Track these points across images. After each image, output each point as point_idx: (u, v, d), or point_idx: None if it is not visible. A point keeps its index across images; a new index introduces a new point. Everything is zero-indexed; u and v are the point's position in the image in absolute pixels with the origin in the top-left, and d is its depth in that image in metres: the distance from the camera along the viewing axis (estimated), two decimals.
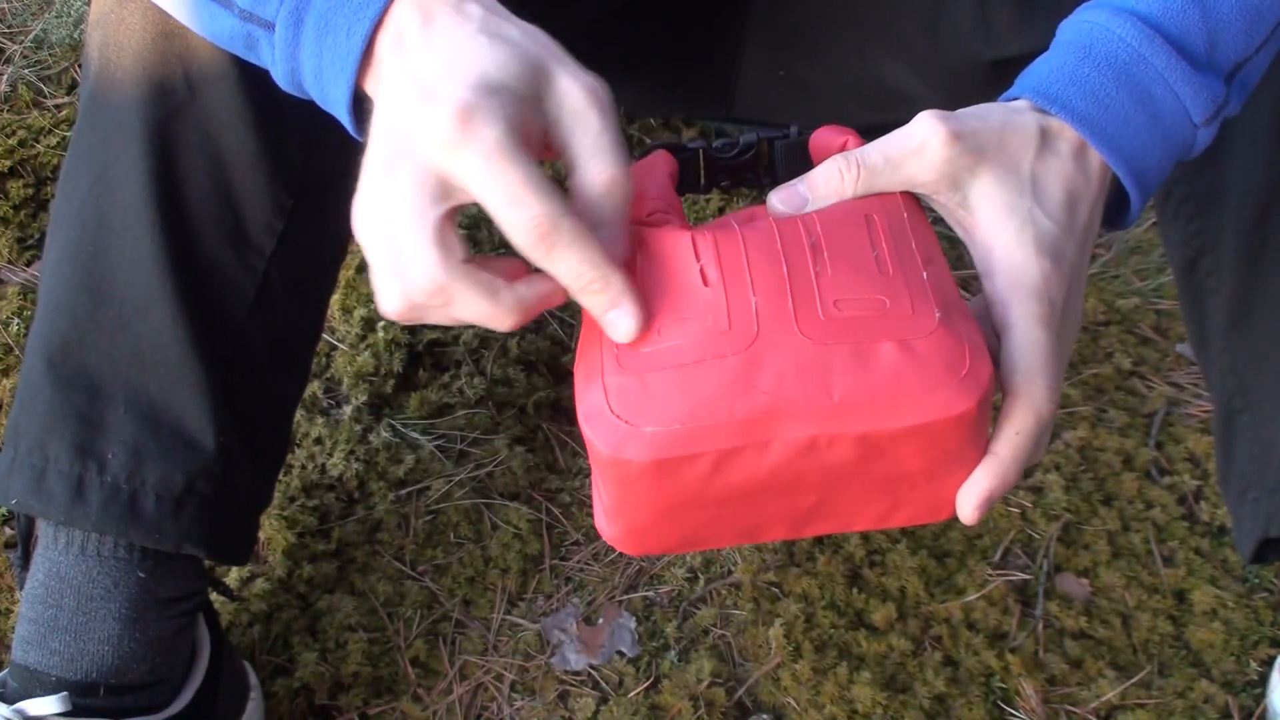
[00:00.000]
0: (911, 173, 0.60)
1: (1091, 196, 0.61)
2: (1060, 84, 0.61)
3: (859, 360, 0.53)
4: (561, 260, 0.54)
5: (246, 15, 0.61)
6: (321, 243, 0.85)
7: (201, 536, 0.80)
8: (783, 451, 0.53)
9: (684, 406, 0.53)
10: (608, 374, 0.55)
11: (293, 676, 0.97)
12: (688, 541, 0.58)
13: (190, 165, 0.75)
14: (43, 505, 0.78)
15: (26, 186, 1.30)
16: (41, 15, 1.49)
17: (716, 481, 0.54)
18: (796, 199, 0.61)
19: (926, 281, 0.56)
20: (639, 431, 0.53)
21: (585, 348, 0.58)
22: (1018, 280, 0.58)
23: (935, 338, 0.54)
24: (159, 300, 0.76)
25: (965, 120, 0.60)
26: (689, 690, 0.97)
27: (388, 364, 1.16)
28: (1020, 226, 0.59)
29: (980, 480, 0.56)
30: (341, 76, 0.58)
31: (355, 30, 0.57)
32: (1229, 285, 0.81)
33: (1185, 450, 1.15)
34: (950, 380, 0.53)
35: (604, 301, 0.55)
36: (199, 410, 0.78)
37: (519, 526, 1.08)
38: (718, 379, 0.53)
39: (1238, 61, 0.63)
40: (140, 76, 0.74)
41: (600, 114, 0.56)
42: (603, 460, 0.54)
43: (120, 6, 0.75)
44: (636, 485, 0.54)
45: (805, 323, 0.54)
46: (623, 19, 0.92)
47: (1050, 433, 0.59)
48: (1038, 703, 0.97)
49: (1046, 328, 0.57)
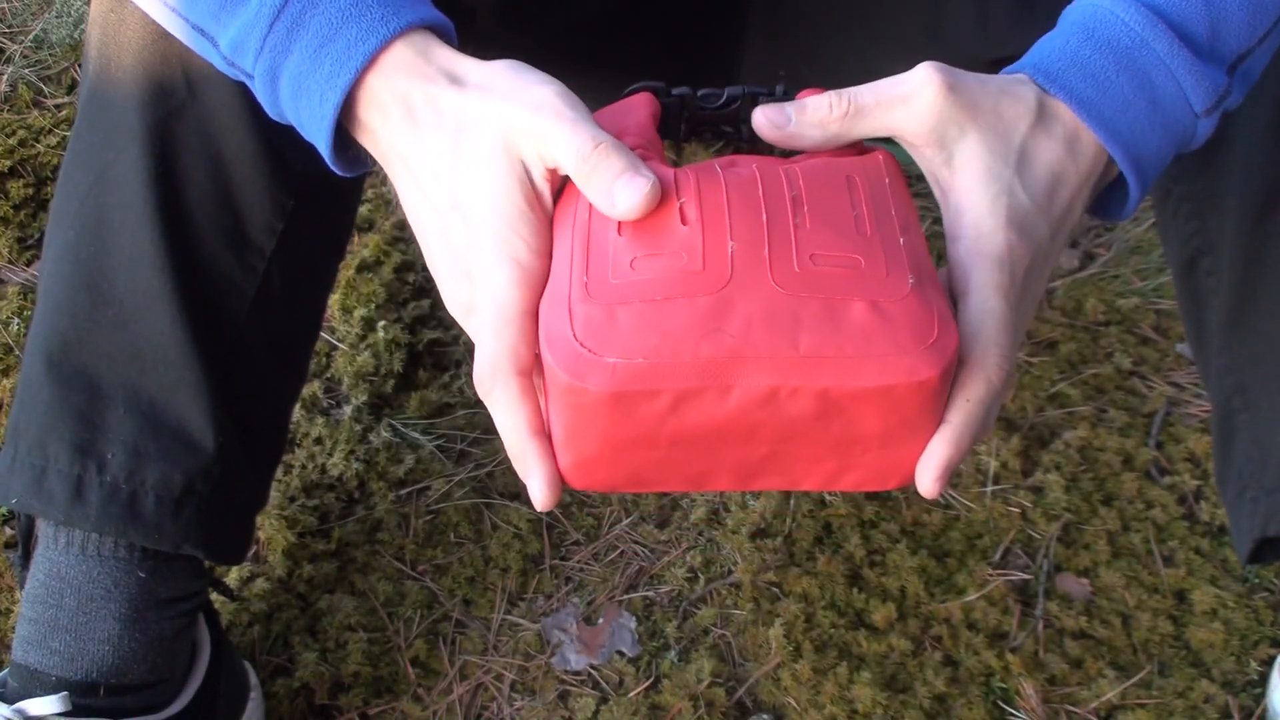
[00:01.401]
0: (901, 119, 0.59)
1: (1077, 183, 0.61)
2: (1061, 64, 0.61)
3: (829, 315, 0.53)
4: (494, 406, 0.57)
5: (229, 62, 0.62)
6: (321, 243, 0.85)
7: (200, 537, 0.80)
8: (743, 398, 0.53)
9: (649, 341, 0.52)
10: (575, 300, 0.54)
11: (293, 676, 0.97)
12: (634, 481, 0.58)
13: (190, 165, 0.75)
14: (42, 505, 0.78)
15: (26, 186, 1.30)
16: (41, 15, 1.49)
17: (672, 421, 0.53)
18: (780, 117, 0.61)
19: (903, 247, 0.56)
20: (601, 361, 0.52)
21: (554, 273, 0.57)
22: (982, 247, 0.58)
23: (906, 303, 0.53)
24: (159, 300, 0.76)
25: (965, 77, 0.60)
26: (689, 690, 0.97)
27: (388, 364, 1.16)
28: (996, 195, 0.59)
29: (937, 450, 0.56)
30: (320, 135, 0.60)
31: (328, 97, 0.58)
32: (1228, 285, 0.81)
33: (1185, 450, 1.15)
34: (917, 346, 0.53)
35: (521, 468, 0.58)
36: (199, 410, 0.78)
37: (519, 526, 1.08)
38: (686, 318, 0.52)
39: (1240, 52, 0.62)
40: (140, 76, 0.74)
41: (556, 116, 0.57)
42: (561, 386, 0.53)
43: (120, 6, 0.75)
44: (592, 416, 0.54)
45: (779, 272, 0.53)
46: (623, 21, 0.92)
47: (999, 405, 0.58)
48: (1038, 703, 0.97)
49: (1005, 297, 0.57)
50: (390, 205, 1.31)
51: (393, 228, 1.28)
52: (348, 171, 0.63)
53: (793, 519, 1.08)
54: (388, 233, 1.27)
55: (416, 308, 1.21)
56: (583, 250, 0.56)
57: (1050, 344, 1.24)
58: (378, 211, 1.30)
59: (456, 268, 0.59)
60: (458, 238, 0.58)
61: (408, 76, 0.58)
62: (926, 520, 1.09)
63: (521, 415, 0.56)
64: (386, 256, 1.24)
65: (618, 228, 0.56)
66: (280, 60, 0.59)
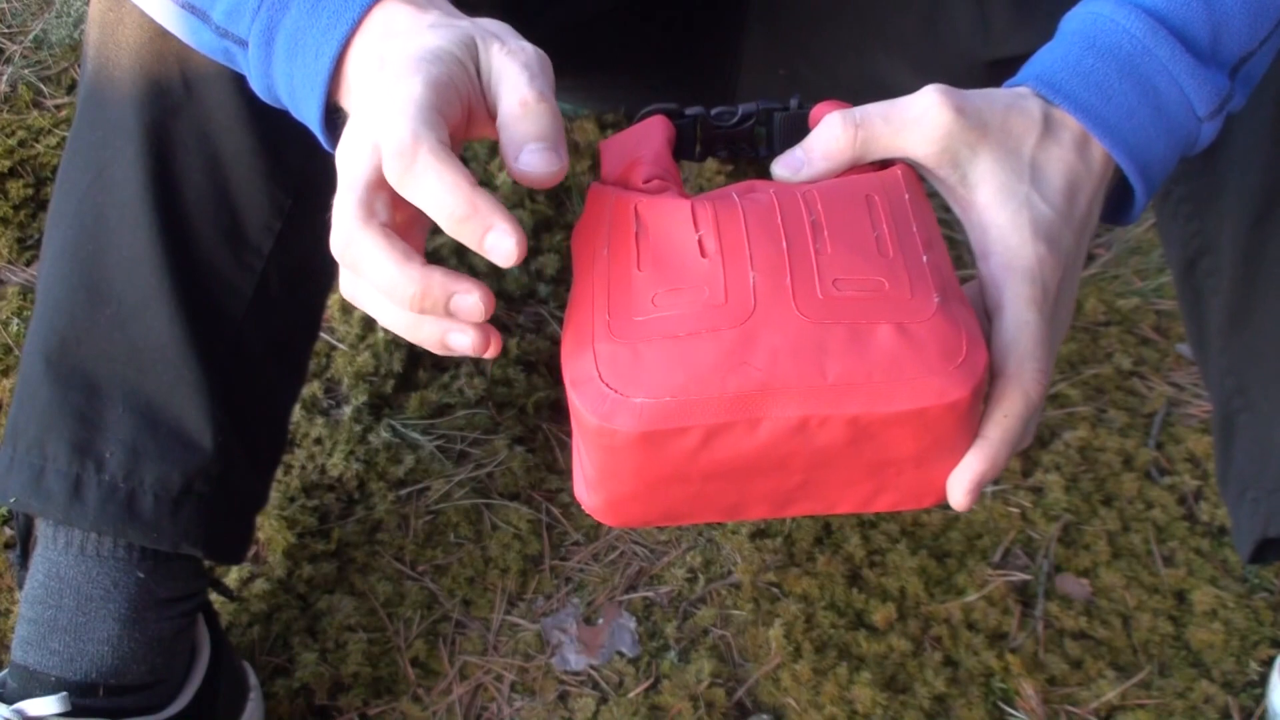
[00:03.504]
0: (911, 142, 0.59)
1: (1092, 187, 0.61)
2: (1064, 74, 0.61)
3: (855, 341, 0.52)
4: (420, 183, 0.51)
5: (222, 31, 0.61)
6: (319, 242, 0.84)
7: (199, 536, 0.80)
8: (773, 430, 0.52)
9: (675, 379, 0.52)
10: (599, 340, 0.54)
11: (292, 677, 0.97)
12: (669, 515, 0.57)
13: (187, 165, 0.75)
14: (41, 504, 0.78)
15: (26, 186, 1.30)
16: (41, 15, 1.49)
17: (704, 456, 0.53)
18: (795, 163, 0.61)
19: (926, 265, 0.55)
20: (628, 402, 0.52)
21: (575, 311, 0.57)
22: (1011, 262, 0.58)
23: (933, 323, 0.53)
24: (156, 299, 0.76)
25: (970, 97, 0.60)
26: (689, 690, 0.97)
27: (388, 364, 1.16)
28: (1017, 209, 0.59)
29: (971, 464, 0.56)
30: (312, 95, 0.58)
31: (324, 50, 0.57)
32: (1228, 285, 0.81)
33: (1185, 450, 1.15)
34: (946, 367, 0.52)
35: (476, 228, 0.51)
36: (197, 410, 0.78)
37: (519, 526, 1.08)
38: (711, 353, 0.52)
39: (1242, 55, 0.63)
40: (137, 76, 0.74)
41: (522, 65, 0.55)
42: (589, 429, 0.53)
43: (118, 6, 0.75)
44: (622, 456, 0.53)
45: (803, 300, 0.53)
46: (624, 19, 0.92)
47: (1039, 417, 0.58)
48: (1038, 703, 0.97)
49: (1039, 311, 0.57)
50: None
51: None
52: (335, 146, 0.61)
53: (793, 519, 1.08)
54: None
55: None
56: (604, 289, 0.56)
57: None
58: None
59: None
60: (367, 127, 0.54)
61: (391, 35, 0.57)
62: (926, 520, 1.09)
63: (459, 172, 0.51)
64: None
65: (637, 263, 0.56)
66: (278, 17, 0.58)
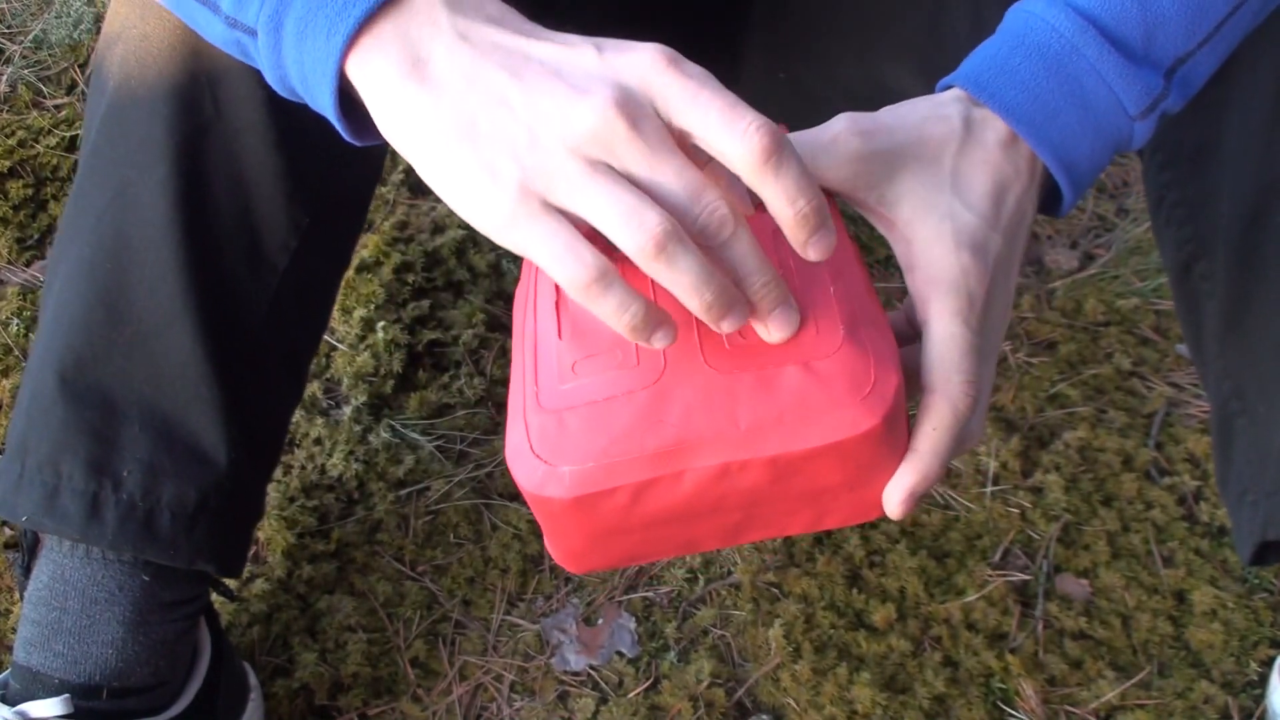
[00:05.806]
0: (822, 169, 0.60)
1: (1021, 186, 0.61)
2: (991, 73, 0.61)
3: (763, 387, 0.54)
4: (786, 175, 0.51)
5: (232, 21, 0.60)
6: (331, 257, 0.85)
7: (213, 552, 0.81)
8: (697, 480, 0.54)
9: (597, 444, 0.54)
10: (529, 412, 0.56)
11: (292, 677, 0.97)
12: (629, 558, 0.60)
13: (214, 185, 0.75)
14: (55, 523, 0.77)
15: (26, 186, 1.30)
16: (41, 15, 1.49)
17: (638, 510, 0.55)
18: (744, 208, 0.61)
19: (833, 297, 0.57)
20: (556, 471, 0.54)
21: (512, 382, 0.59)
22: (935, 275, 0.58)
23: (839, 356, 0.54)
24: (179, 319, 0.76)
25: (880, 118, 0.60)
26: (689, 690, 0.97)
27: (387, 364, 1.16)
28: (939, 221, 0.59)
29: (902, 478, 0.56)
30: (325, 78, 0.57)
31: (336, 32, 0.55)
32: (1223, 289, 0.81)
33: (1185, 450, 1.15)
34: (853, 399, 0.54)
35: (815, 221, 0.53)
36: (213, 426, 0.78)
37: (519, 527, 1.08)
38: (628, 415, 0.54)
39: (1178, 56, 0.63)
40: (167, 94, 0.74)
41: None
42: (528, 498, 0.56)
43: (143, 22, 0.74)
44: (562, 520, 0.56)
45: (710, 354, 0.55)
46: (623, 21, 0.92)
47: (980, 424, 0.59)
48: (1038, 703, 0.97)
49: (964, 323, 0.58)
50: (389, 205, 1.31)
51: (392, 228, 1.28)
52: (356, 137, 0.60)
53: None
54: (387, 233, 1.27)
55: (416, 308, 1.21)
56: (532, 360, 0.58)
57: (1050, 344, 1.24)
58: (377, 212, 1.30)
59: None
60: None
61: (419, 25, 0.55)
62: (926, 521, 1.09)
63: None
64: (386, 257, 1.24)
65: (559, 331, 0.58)
66: (285, 1, 0.57)
